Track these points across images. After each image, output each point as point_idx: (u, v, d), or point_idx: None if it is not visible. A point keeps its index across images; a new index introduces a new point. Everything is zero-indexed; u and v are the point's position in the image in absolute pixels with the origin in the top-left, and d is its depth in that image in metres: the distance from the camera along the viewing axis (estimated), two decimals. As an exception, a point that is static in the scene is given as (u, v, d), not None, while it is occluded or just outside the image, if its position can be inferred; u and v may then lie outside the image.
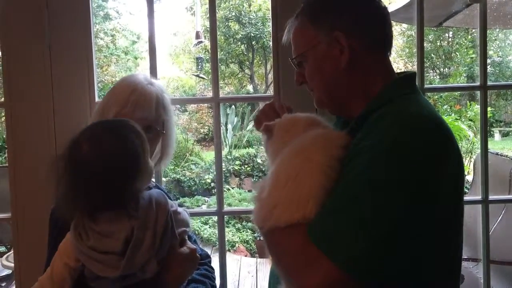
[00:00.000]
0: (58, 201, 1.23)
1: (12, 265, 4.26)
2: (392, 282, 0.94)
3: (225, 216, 2.00)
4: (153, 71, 1.88)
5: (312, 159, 1.01)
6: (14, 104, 1.83)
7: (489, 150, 2.47)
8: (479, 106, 2.04)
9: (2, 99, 1.88)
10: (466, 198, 2.62)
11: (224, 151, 9.86)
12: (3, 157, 8.82)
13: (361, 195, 0.92)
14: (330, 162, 1.00)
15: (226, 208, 1.97)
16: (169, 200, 1.25)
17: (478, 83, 2.00)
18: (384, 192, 0.91)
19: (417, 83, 1.86)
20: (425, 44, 1.98)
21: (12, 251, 4.69)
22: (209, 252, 1.71)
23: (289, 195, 0.98)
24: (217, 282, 1.65)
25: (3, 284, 4.73)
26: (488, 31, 1.98)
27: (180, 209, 1.30)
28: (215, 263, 1.73)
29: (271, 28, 1.85)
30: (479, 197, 2.02)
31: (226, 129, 10.64)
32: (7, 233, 4.87)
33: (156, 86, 1.50)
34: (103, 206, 1.14)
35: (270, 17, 1.85)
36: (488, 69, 1.96)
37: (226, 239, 1.99)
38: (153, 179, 1.64)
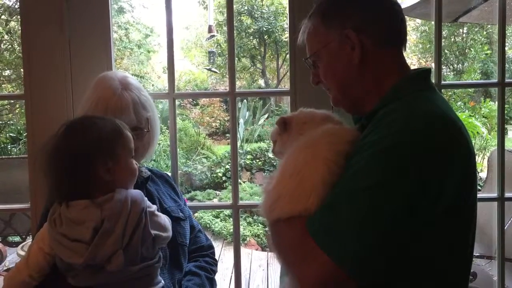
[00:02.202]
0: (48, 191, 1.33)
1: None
2: (391, 280, 0.95)
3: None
4: (171, 64, 1.91)
5: (318, 154, 1.02)
6: (33, 95, 1.85)
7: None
8: (493, 103, 2.03)
9: (18, 91, 1.91)
10: (480, 195, 2.60)
11: (236, 145, 9.86)
12: (17, 148, 8.93)
13: (359, 192, 0.92)
14: (336, 157, 1.01)
15: (239, 202, 1.98)
16: (149, 203, 1.29)
17: (493, 80, 1.98)
18: (382, 190, 0.91)
19: (434, 80, 1.87)
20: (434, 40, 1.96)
21: (27, 241, 4.78)
22: (220, 246, 1.75)
23: (293, 188, 1.00)
24: (231, 273, 1.68)
25: (17, 274, 4.81)
26: (504, 27, 1.96)
27: (159, 213, 1.34)
28: (229, 256, 1.76)
29: (284, 23, 1.87)
30: (494, 195, 2.00)
31: (238, 123, 10.65)
32: (22, 223, 4.96)
33: (131, 89, 1.55)
34: (71, 195, 1.21)
35: (284, 11, 1.85)
36: (503, 66, 1.94)
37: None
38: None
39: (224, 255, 6.02)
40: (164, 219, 1.34)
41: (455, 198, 0.97)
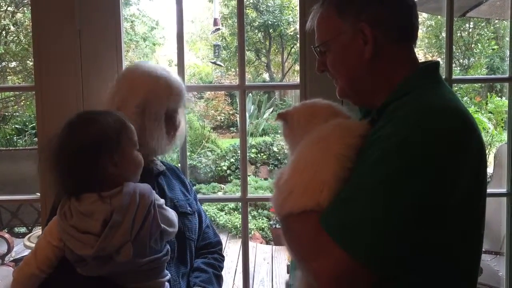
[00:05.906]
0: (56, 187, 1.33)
1: (34, 245, 4.37)
2: (405, 273, 0.95)
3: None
4: (181, 56, 1.91)
5: (330, 148, 1.02)
6: (44, 87, 1.86)
7: None
8: (499, 99, 2.02)
9: (23, 83, 1.92)
10: (488, 190, 2.57)
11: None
12: (23, 140, 8.95)
13: (374, 185, 0.92)
14: (347, 151, 1.01)
15: (248, 195, 1.99)
16: (157, 196, 1.31)
17: (502, 75, 1.97)
18: (396, 183, 0.91)
19: (444, 75, 1.86)
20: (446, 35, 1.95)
21: (33, 232, 4.81)
22: (224, 239, 1.75)
23: (305, 182, 1.00)
24: (235, 266, 1.69)
25: (23, 264, 4.85)
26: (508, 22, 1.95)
27: (167, 208, 1.35)
28: (234, 249, 1.77)
29: (289, 17, 1.85)
30: (503, 190, 2.00)
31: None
32: (28, 214, 4.99)
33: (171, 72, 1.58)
34: (79, 190, 1.22)
35: (290, 5, 1.84)
36: (508, 61, 1.93)
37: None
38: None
39: (229, 248, 6.04)
40: (172, 214, 1.35)
41: (470, 192, 0.98)
